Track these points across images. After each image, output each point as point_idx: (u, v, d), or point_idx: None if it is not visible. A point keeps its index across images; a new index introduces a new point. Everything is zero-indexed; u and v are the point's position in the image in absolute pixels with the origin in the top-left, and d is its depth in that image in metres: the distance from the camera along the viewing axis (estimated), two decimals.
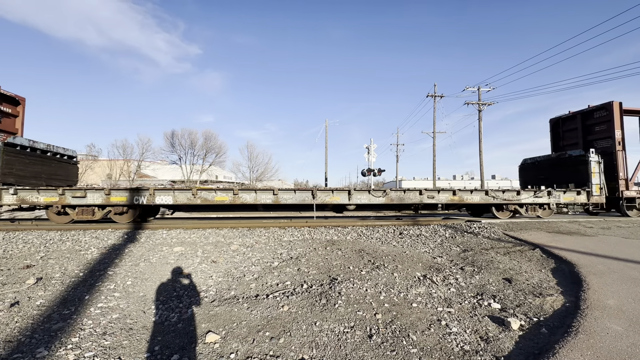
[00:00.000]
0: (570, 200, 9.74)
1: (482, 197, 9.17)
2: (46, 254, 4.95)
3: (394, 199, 8.76)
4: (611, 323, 2.56)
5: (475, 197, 9.18)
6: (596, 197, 9.83)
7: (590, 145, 11.13)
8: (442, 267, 4.49)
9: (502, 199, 9.26)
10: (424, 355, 2.26)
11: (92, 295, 3.42)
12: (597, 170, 9.88)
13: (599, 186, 9.83)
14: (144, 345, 2.45)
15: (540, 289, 3.59)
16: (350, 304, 3.14)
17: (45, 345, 2.39)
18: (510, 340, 2.47)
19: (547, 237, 6.33)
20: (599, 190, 9.84)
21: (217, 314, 2.98)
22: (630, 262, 4.41)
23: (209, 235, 6.48)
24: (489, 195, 9.16)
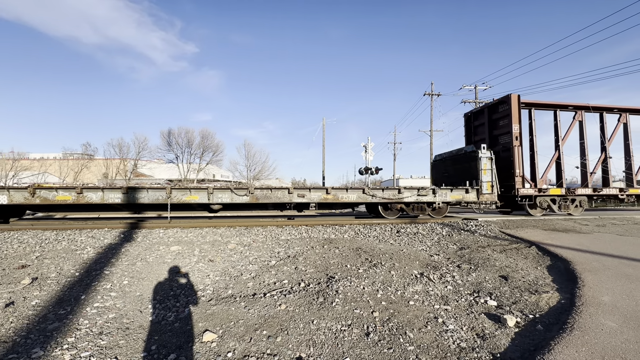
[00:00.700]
0: (458, 199, 9.37)
1: (359, 195, 8.78)
2: (42, 254, 4.91)
3: (260, 197, 8.23)
4: (606, 319, 2.58)
5: (352, 196, 8.76)
6: (487, 195, 9.46)
7: (496, 140, 10.83)
8: (439, 265, 4.51)
9: (381, 198, 8.90)
10: (420, 353, 2.27)
11: (88, 295, 3.40)
12: (488, 167, 9.50)
13: (490, 184, 9.46)
14: (141, 345, 2.44)
15: (536, 286, 3.62)
16: (347, 302, 3.15)
17: (41, 345, 2.38)
18: (506, 337, 2.49)
19: (543, 235, 6.37)
20: (490, 188, 9.46)
21: (214, 313, 2.97)
22: (625, 259, 4.46)
23: (206, 234, 6.46)
24: (366, 194, 8.77)
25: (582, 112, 11.05)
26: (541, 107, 10.89)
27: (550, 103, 10.97)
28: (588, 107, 11.11)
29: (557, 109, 10.86)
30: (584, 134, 11.08)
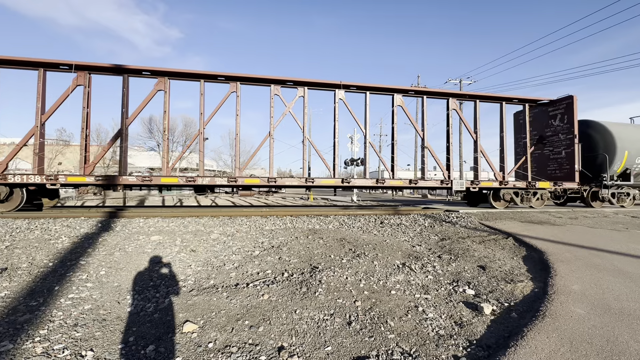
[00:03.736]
0: None
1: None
2: (12, 243, 4.69)
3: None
4: (575, 307, 2.72)
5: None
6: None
7: None
8: (421, 255, 4.61)
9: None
10: (400, 340, 2.32)
11: (62, 286, 3.28)
12: None
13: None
14: (118, 336, 2.38)
15: (512, 276, 3.76)
16: (330, 292, 3.17)
17: (11, 338, 2.27)
18: (482, 325, 2.58)
19: (519, 227, 6.61)
20: None
21: (196, 304, 2.93)
22: (594, 250, 4.69)
23: (189, 224, 6.34)
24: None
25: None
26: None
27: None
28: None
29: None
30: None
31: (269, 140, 9.19)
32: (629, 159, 11.14)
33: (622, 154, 10.94)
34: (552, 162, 11.30)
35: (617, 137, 10.89)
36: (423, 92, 10.32)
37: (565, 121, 10.66)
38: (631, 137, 11.22)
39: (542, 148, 11.65)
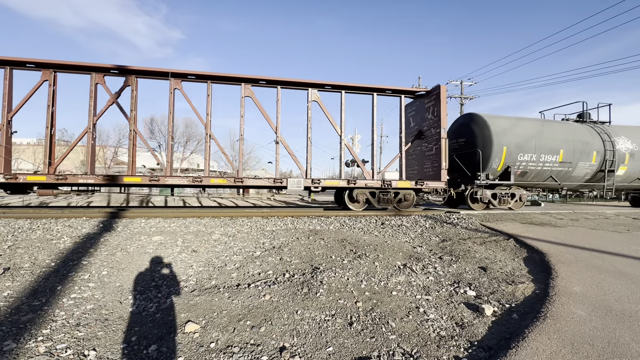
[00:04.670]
0: None
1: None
2: (14, 243, 4.71)
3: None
4: (576, 308, 2.72)
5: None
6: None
7: None
8: (422, 257, 4.61)
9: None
10: (402, 341, 2.33)
11: (64, 286, 3.29)
12: None
13: None
14: (120, 336, 2.39)
15: (513, 277, 3.76)
16: (331, 293, 3.18)
17: (14, 337, 2.29)
18: (483, 326, 2.58)
19: (520, 228, 6.61)
20: None
21: (197, 304, 2.94)
22: (595, 252, 4.68)
23: (190, 225, 6.35)
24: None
25: None
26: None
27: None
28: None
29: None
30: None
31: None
32: (509, 156, 9.90)
33: (500, 150, 9.78)
34: (427, 159, 10.03)
35: (494, 132, 9.74)
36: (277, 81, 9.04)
37: (435, 114, 9.48)
38: (512, 131, 10.04)
39: (421, 144, 10.33)
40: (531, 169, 10.27)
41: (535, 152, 10.10)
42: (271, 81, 8.96)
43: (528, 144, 10.04)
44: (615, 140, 11.04)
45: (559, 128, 10.88)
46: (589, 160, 10.74)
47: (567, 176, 10.80)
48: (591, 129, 11.17)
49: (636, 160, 11.32)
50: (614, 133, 11.21)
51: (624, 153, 11.11)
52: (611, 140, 10.94)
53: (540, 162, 10.24)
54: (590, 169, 10.91)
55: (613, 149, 10.87)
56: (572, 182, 11.17)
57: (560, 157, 10.35)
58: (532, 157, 10.11)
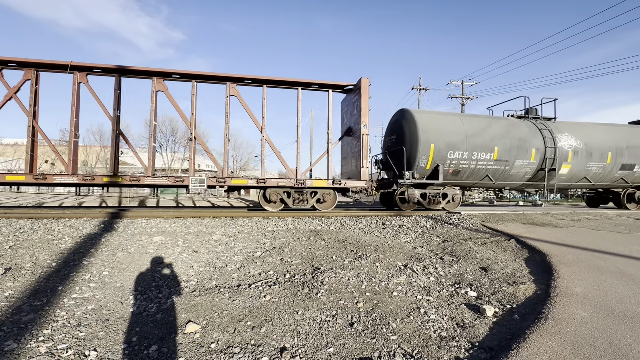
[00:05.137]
0: None
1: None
2: (15, 243, 4.72)
3: None
4: (577, 309, 2.71)
5: None
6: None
7: None
8: (423, 257, 4.61)
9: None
10: (402, 342, 2.32)
11: (65, 286, 3.30)
12: None
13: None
14: (121, 336, 2.39)
15: (514, 278, 3.75)
16: (332, 293, 3.18)
17: (15, 337, 2.29)
18: (484, 327, 2.58)
19: (522, 228, 6.60)
20: None
21: (198, 304, 2.94)
22: (597, 252, 4.67)
23: (190, 225, 6.36)
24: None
25: None
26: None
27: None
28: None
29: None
30: None
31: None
32: (438, 154, 9.28)
33: (428, 148, 9.21)
34: (354, 157, 9.50)
35: (421, 129, 9.19)
36: (193, 75, 8.60)
37: (359, 109, 9.00)
38: (439, 128, 9.39)
39: (350, 141, 9.84)
40: (464, 167, 9.62)
41: (467, 149, 9.49)
42: (186, 75, 8.53)
43: (459, 141, 9.43)
44: (557, 137, 10.36)
45: (494, 124, 10.14)
46: (528, 158, 10.09)
47: (506, 175, 10.17)
48: (532, 125, 10.53)
49: (580, 158, 10.60)
50: (556, 130, 10.55)
51: (567, 150, 10.40)
52: (552, 137, 10.26)
53: (473, 160, 9.61)
54: (530, 168, 10.26)
55: (554, 146, 10.19)
56: (513, 182, 10.50)
57: (495, 154, 9.72)
58: (463, 155, 9.49)
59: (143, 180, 8.02)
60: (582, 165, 10.65)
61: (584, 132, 10.86)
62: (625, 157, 11.01)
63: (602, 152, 10.78)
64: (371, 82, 8.90)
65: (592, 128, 11.15)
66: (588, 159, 10.65)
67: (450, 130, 9.50)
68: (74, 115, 8.08)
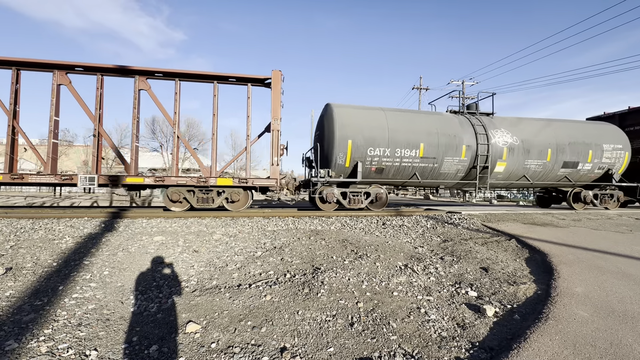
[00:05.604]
0: None
1: None
2: (16, 243, 4.73)
3: None
4: (578, 309, 2.70)
5: None
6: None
7: None
8: (423, 257, 4.60)
9: None
10: (403, 342, 2.32)
11: (66, 286, 3.30)
12: None
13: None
14: (122, 336, 2.39)
15: (515, 278, 3.75)
16: (332, 293, 3.18)
17: (15, 337, 2.30)
18: (485, 327, 2.57)
19: (522, 228, 6.59)
20: None
21: (198, 304, 2.95)
22: (597, 252, 4.66)
23: (191, 225, 6.36)
24: None
25: None
26: None
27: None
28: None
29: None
30: None
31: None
32: (356, 150, 8.60)
33: (345, 144, 8.53)
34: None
35: (338, 124, 8.55)
36: (100, 68, 8.08)
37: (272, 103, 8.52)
38: (359, 123, 8.69)
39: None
40: (387, 164, 8.94)
41: (389, 146, 8.79)
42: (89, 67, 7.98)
43: (380, 137, 8.75)
44: (492, 133, 9.63)
45: (421, 119, 9.41)
46: (458, 156, 9.35)
47: (436, 173, 9.47)
48: (466, 120, 9.80)
49: (517, 156, 9.84)
50: (492, 125, 9.85)
51: (502, 147, 9.65)
52: (486, 133, 9.54)
53: (397, 157, 8.93)
54: (462, 165, 9.51)
55: (487, 142, 9.46)
56: (445, 180, 9.76)
57: (420, 151, 9.03)
58: (385, 152, 8.80)
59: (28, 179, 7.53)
60: (520, 163, 9.94)
61: (522, 128, 10.14)
62: (568, 154, 10.20)
63: (541, 149, 10.00)
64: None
65: (531, 124, 10.43)
66: (526, 157, 9.92)
67: (372, 125, 8.77)
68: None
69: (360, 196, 8.93)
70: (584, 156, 10.35)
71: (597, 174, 10.72)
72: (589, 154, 10.35)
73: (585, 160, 10.38)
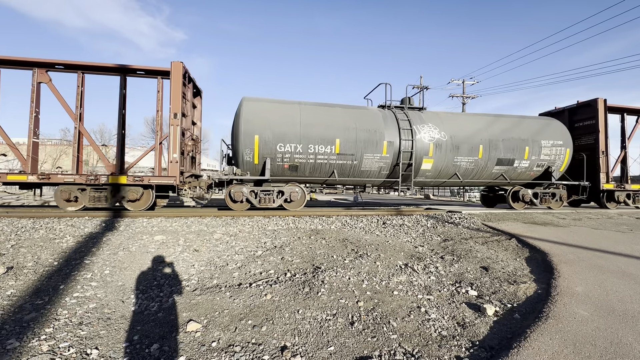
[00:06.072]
0: None
1: None
2: (17, 242, 4.73)
3: None
4: (578, 308, 2.71)
5: None
6: None
7: None
8: (423, 256, 4.61)
9: None
10: (403, 341, 2.33)
11: (67, 285, 3.31)
12: None
13: None
14: (123, 335, 2.40)
15: (515, 277, 3.75)
16: (333, 292, 3.18)
17: (17, 336, 2.30)
18: (485, 326, 2.58)
19: (523, 228, 6.59)
20: None
21: (199, 303, 2.95)
22: (598, 251, 4.66)
23: (191, 224, 6.37)
24: None
25: None
26: None
27: None
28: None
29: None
30: None
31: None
32: (264, 146, 7.98)
33: (252, 140, 7.93)
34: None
35: (244, 118, 7.92)
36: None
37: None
38: (268, 117, 8.09)
39: None
40: (301, 162, 8.38)
41: (301, 142, 8.20)
42: None
43: (291, 132, 8.17)
44: (418, 128, 8.99)
45: (338, 114, 8.77)
46: (379, 152, 8.71)
47: (357, 171, 8.84)
48: (391, 115, 9.20)
49: (445, 152, 9.21)
50: (420, 120, 9.24)
51: (427, 143, 9.03)
52: (411, 129, 8.90)
53: (311, 153, 8.31)
54: (384, 163, 8.86)
55: (411, 138, 8.81)
56: (369, 178, 9.10)
57: (337, 148, 8.42)
58: (297, 148, 8.21)
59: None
60: (449, 160, 9.29)
61: (451, 123, 9.53)
62: (502, 151, 9.55)
63: (472, 145, 9.36)
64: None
65: (461, 118, 9.87)
66: (455, 153, 9.29)
67: (282, 120, 8.19)
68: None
69: (272, 195, 8.44)
70: (519, 153, 9.69)
71: (536, 172, 10.09)
72: (526, 150, 9.71)
73: (521, 157, 9.72)
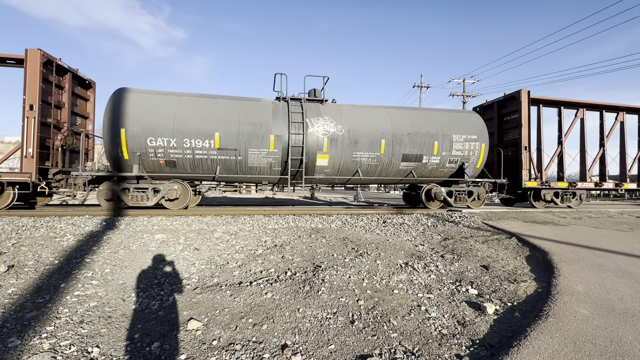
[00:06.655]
0: None
1: None
2: (18, 241, 4.74)
3: None
4: (579, 307, 2.71)
5: None
6: None
7: None
8: (424, 255, 4.61)
9: None
10: (403, 339, 2.33)
11: (68, 283, 3.31)
12: None
13: None
14: (123, 333, 2.40)
15: (515, 276, 3.75)
16: (333, 291, 3.18)
17: (18, 334, 2.31)
18: (485, 324, 2.58)
19: (523, 226, 6.59)
20: None
21: (200, 302, 2.96)
22: (598, 250, 4.66)
23: (192, 223, 6.37)
24: None
25: None
26: None
27: None
28: None
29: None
30: None
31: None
32: (133, 141, 7.35)
33: (118, 133, 7.29)
34: None
35: (110, 111, 7.35)
36: None
37: None
38: (137, 110, 7.47)
39: None
40: (178, 157, 7.75)
41: (175, 135, 7.57)
42: None
43: (163, 125, 7.53)
44: (312, 121, 8.26)
45: (217, 105, 8.13)
46: (266, 147, 8.06)
47: (244, 167, 8.19)
48: (284, 107, 8.54)
49: (342, 147, 8.47)
50: (316, 113, 8.48)
51: (322, 138, 8.31)
52: (302, 122, 8.16)
53: (187, 148, 7.70)
54: (274, 158, 8.20)
55: (302, 132, 8.11)
56: (260, 175, 8.47)
57: (216, 142, 7.86)
58: (171, 143, 7.60)
59: None
60: (347, 155, 8.58)
61: (350, 116, 8.77)
62: (407, 146, 8.83)
63: (373, 139, 8.64)
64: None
65: (362, 111, 9.08)
66: (353, 148, 8.58)
67: (153, 112, 7.52)
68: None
69: (147, 192, 7.75)
70: (428, 148, 8.96)
71: (450, 169, 9.36)
72: (435, 145, 8.98)
73: (430, 152, 9.00)
